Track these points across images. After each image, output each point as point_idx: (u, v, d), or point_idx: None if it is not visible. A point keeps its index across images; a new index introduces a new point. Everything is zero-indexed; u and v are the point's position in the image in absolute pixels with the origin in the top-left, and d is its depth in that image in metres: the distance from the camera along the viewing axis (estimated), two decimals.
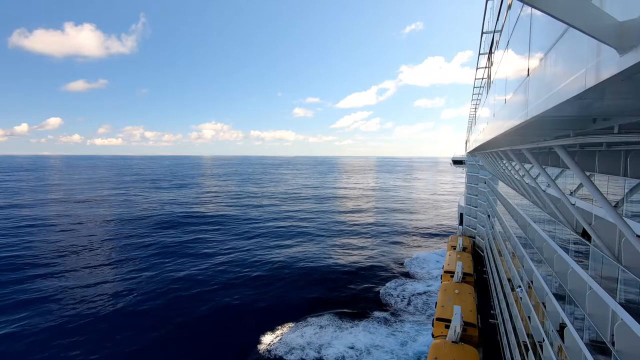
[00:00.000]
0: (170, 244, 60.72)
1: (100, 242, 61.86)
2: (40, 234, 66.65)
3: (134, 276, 45.41)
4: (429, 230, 75.34)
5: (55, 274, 45.75)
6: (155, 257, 53.51)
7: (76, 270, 47.42)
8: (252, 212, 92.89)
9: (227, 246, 60.01)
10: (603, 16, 2.22)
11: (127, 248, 58.59)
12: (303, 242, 64.11)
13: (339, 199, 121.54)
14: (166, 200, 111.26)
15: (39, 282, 43.15)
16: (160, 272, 46.84)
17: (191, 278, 44.79)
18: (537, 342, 16.88)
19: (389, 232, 72.34)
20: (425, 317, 34.87)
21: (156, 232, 68.83)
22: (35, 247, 57.96)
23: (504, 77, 7.78)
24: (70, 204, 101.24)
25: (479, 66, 16.93)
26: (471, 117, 34.72)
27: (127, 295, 39.98)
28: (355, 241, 64.89)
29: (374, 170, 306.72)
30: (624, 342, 8.48)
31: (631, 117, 4.68)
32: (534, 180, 13.31)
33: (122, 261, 51.75)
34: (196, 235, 67.20)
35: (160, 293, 40.56)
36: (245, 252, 56.68)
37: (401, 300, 39.32)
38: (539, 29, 4.32)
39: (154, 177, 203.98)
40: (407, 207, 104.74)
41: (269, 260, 52.26)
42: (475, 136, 24.46)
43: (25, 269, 47.61)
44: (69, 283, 42.91)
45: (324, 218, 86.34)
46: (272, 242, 63.43)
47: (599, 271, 10.07)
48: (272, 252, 56.73)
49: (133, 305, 37.67)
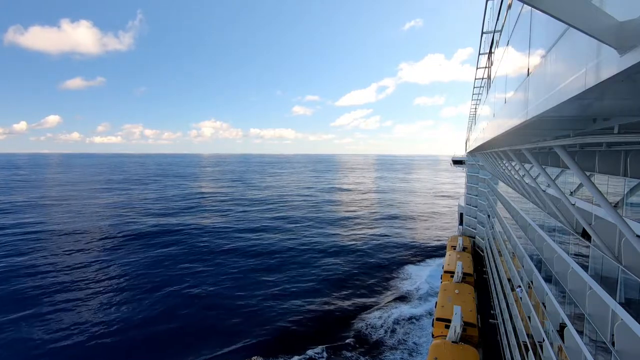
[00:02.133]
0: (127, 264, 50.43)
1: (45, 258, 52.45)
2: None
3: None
4: (423, 242, 66.11)
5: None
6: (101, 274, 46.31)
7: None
8: (227, 220, 80.00)
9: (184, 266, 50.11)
10: (603, 16, 2.22)
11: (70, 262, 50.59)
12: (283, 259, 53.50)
13: (332, 203, 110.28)
14: (135, 204, 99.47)
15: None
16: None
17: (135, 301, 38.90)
18: (537, 342, 16.88)
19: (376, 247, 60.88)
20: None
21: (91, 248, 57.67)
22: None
23: (503, 77, 7.78)
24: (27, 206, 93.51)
25: (479, 66, 16.94)
26: (471, 116, 34.73)
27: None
28: (338, 259, 54.09)
29: (371, 169, 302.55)
30: (624, 342, 8.48)
31: (631, 117, 4.68)
32: (534, 180, 13.32)
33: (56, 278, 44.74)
34: (149, 252, 55.87)
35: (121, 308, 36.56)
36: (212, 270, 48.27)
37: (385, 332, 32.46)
38: (539, 28, 4.32)
39: (140, 177, 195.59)
40: (402, 213, 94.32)
41: (232, 286, 42.79)
42: (475, 136, 24.48)
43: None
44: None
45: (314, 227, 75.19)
46: (244, 260, 53.18)
47: (599, 271, 10.07)
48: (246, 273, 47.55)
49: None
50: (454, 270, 36.21)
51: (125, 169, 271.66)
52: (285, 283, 44.19)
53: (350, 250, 58.94)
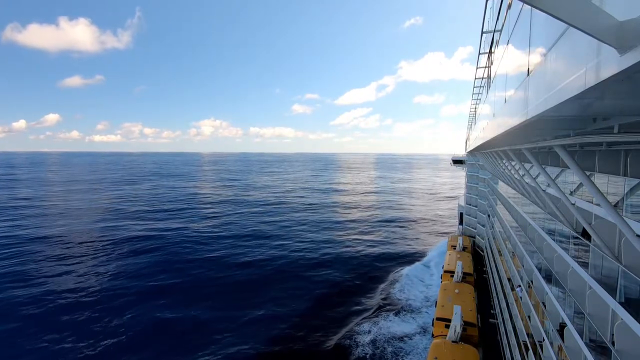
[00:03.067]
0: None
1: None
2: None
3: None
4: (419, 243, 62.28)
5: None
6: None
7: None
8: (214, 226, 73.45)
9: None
10: (603, 16, 2.21)
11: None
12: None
13: (329, 205, 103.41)
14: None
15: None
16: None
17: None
18: (537, 342, 16.89)
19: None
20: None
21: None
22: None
23: (503, 76, 7.78)
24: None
25: (479, 65, 16.94)
26: (471, 115, 34.73)
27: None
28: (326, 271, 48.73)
29: (370, 169, 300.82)
30: (624, 342, 8.48)
31: (631, 116, 4.68)
32: (534, 180, 13.33)
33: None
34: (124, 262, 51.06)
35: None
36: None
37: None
38: (539, 28, 4.32)
39: (128, 177, 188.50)
40: (400, 215, 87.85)
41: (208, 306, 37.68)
42: (475, 135, 24.47)
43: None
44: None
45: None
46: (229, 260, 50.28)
47: (599, 271, 10.08)
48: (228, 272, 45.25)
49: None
50: (454, 270, 36.24)
51: (121, 168, 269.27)
52: (270, 301, 39.00)
53: (345, 258, 54.27)
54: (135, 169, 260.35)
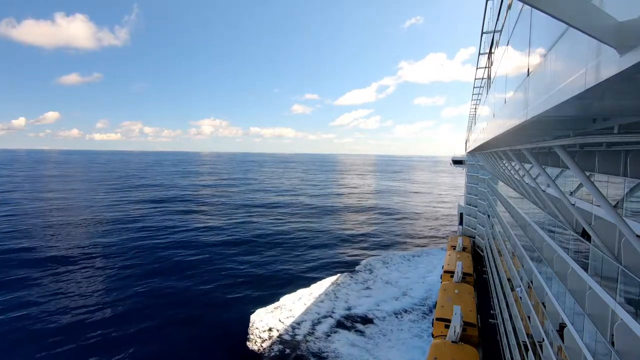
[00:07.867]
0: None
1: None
2: None
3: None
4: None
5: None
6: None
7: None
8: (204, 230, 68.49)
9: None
10: (603, 16, 2.22)
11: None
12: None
13: (327, 209, 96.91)
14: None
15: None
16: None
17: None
18: (537, 342, 16.88)
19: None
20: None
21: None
22: None
23: (503, 77, 7.78)
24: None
25: (479, 66, 16.95)
26: (471, 116, 34.75)
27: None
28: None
29: (369, 170, 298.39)
30: (624, 342, 8.48)
31: (631, 117, 4.68)
32: (534, 180, 13.34)
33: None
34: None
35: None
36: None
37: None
38: (539, 29, 4.32)
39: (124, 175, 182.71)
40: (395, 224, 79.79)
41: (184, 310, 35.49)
42: (475, 136, 24.49)
43: None
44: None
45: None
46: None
47: (599, 271, 10.08)
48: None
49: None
50: (453, 270, 36.22)
51: (114, 166, 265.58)
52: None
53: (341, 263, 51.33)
54: (130, 167, 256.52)
